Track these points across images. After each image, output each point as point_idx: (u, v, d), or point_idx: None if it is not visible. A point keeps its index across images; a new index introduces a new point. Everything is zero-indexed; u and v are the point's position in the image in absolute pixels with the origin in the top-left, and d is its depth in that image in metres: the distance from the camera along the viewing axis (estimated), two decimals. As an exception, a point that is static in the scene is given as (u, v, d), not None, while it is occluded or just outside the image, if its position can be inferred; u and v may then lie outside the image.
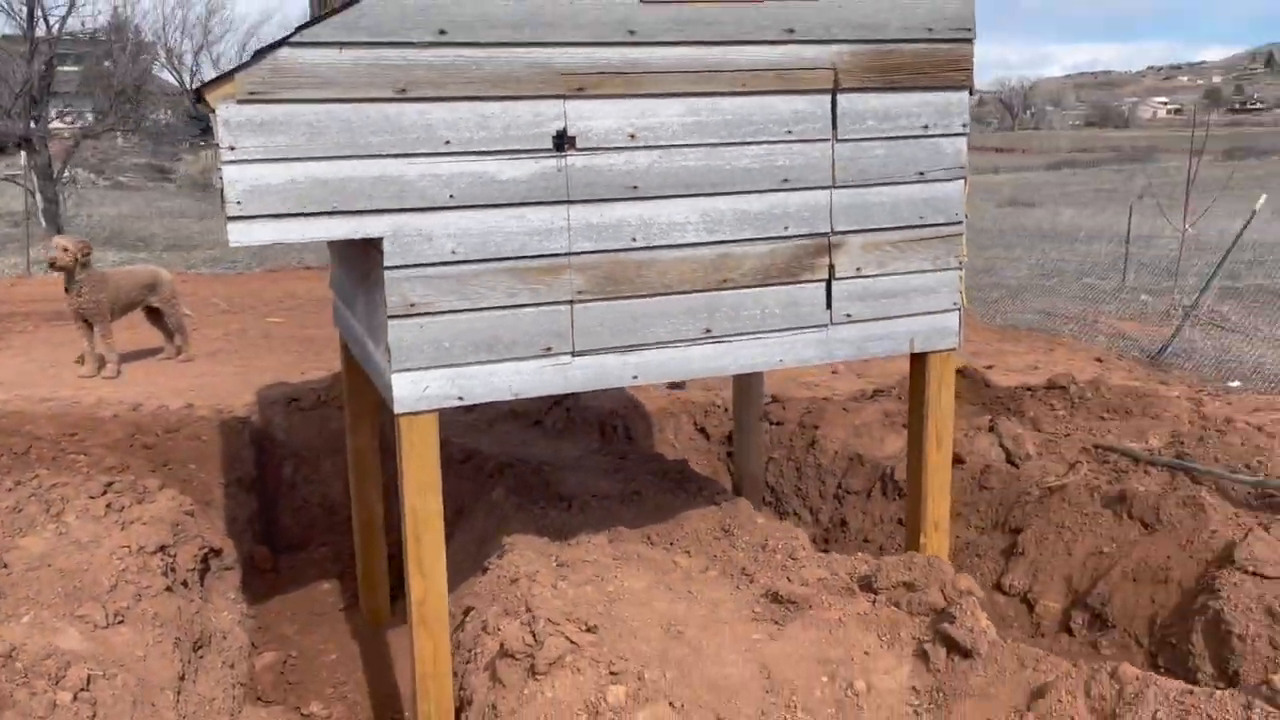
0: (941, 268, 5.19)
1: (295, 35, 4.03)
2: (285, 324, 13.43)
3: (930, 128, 5.02)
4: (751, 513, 6.08)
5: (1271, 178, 41.25)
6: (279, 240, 4.16)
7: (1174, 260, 22.54)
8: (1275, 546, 5.56)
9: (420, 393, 4.43)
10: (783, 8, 4.63)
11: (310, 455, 9.04)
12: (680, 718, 4.07)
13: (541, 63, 4.32)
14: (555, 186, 4.44)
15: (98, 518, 6.07)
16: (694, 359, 4.83)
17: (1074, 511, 6.77)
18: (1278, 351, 14.81)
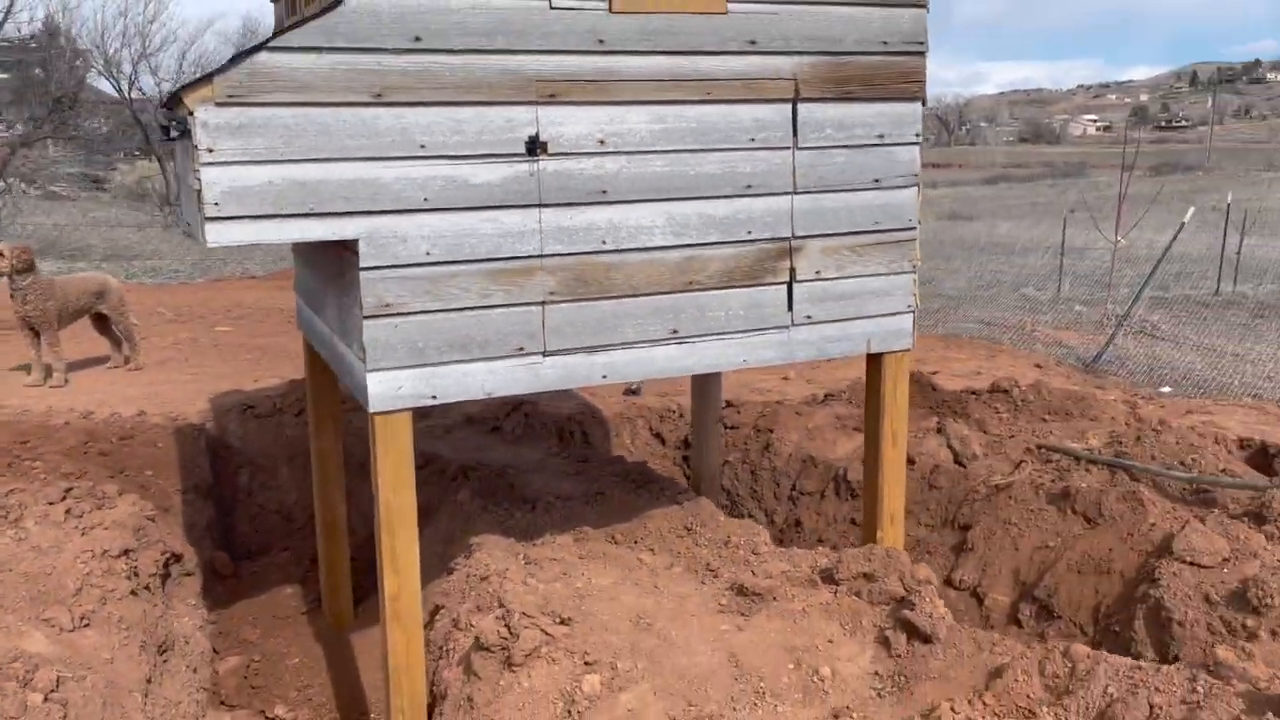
0: (896, 271, 5.40)
1: (274, 40, 4.12)
2: (234, 333, 13.33)
3: (885, 137, 5.23)
4: (713, 511, 6.23)
5: (1196, 193, 42.60)
6: (256, 241, 4.22)
7: (1106, 271, 23.23)
8: (1211, 538, 5.83)
9: (394, 392, 4.51)
10: (746, 20, 4.81)
11: (266, 462, 9.02)
12: (654, 705, 4.19)
13: (514, 70, 4.45)
14: (527, 190, 4.56)
15: (58, 523, 6.03)
16: (660, 359, 4.97)
17: (1020, 508, 7.02)
18: (1205, 358, 15.37)
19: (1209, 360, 15.29)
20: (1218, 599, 5.51)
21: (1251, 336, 16.97)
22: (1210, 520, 6.12)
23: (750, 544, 5.67)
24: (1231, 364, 14.91)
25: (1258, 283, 23.53)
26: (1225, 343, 16.57)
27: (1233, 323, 18.32)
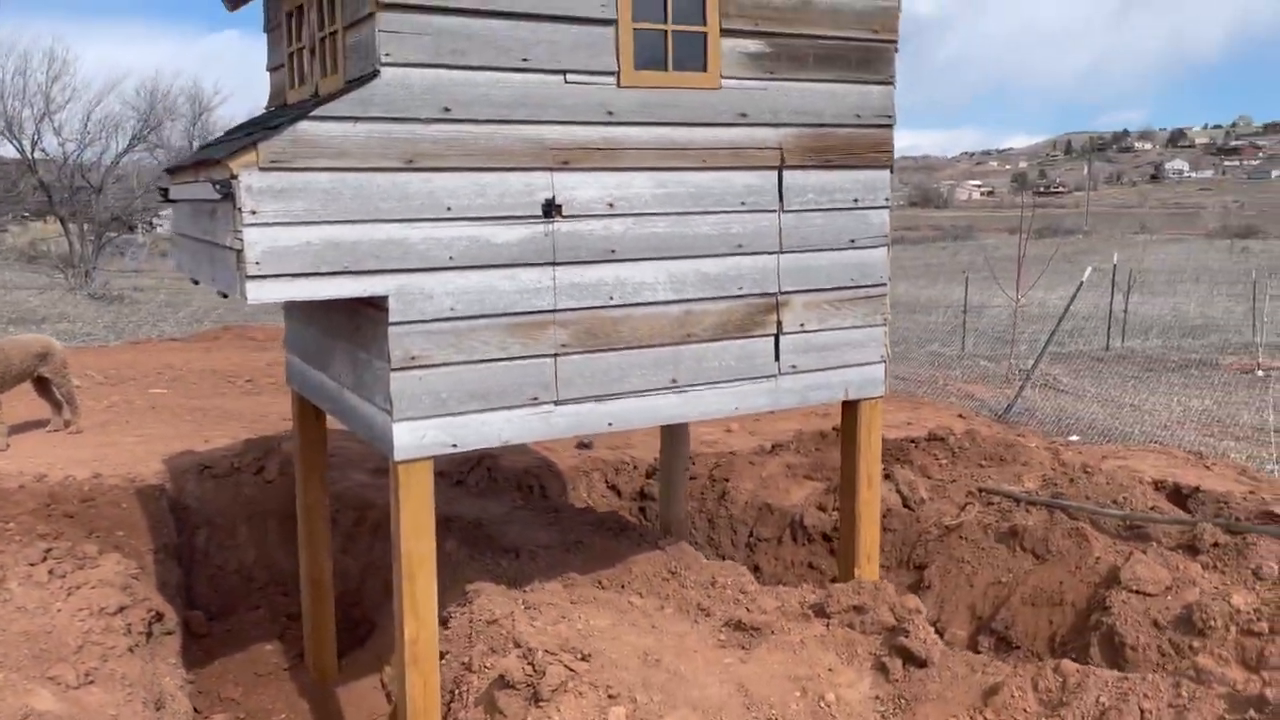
0: (870, 324, 5.84)
1: (314, 110, 4.36)
2: (170, 395, 13.16)
3: (860, 201, 5.69)
4: (695, 554, 6.52)
5: (1079, 254, 45.04)
6: (293, 298, 4.42)
7: (1005, 328, 24.43)
8: (1154, 568, 6.35)
9: (419, 441, 4.72)
10: (737, 95, 5.24)
11: (224, 522, 8.97)
12: (679, 732, 4.43)
13: (533, 138, 4.77)
14: (543, 249, 4.87)
15: (41, 584, 6.00)
16: (661, 407, 5.28)
17: (971, 547, 7.48)
18: (1106, 409, 16.31)
19: (1109, 411, 16.22)
20: (1165, 623, 5.99)
21: (1145, 389, 18.05)
22: (1150, 553, 6.65)
23: (737, 584, 5.97)
24: (1130, 414, 15.86)
25: (1144, 338, 25.01)
26: (1121, 394, 17.60)
27: (1125, 375, 19.46)
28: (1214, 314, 30.28)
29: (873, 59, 5.60)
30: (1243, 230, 72.85)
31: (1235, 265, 46.39)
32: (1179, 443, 13.31)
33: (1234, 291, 34.96)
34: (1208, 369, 20.05)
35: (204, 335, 19.79)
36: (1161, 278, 40.21)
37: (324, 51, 5.14)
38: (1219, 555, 6.57)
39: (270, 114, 5.58)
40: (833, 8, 5.43)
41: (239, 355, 16.91)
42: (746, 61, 5.24)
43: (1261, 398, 16.78)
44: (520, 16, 4.67)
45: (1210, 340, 24.61)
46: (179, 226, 5.81)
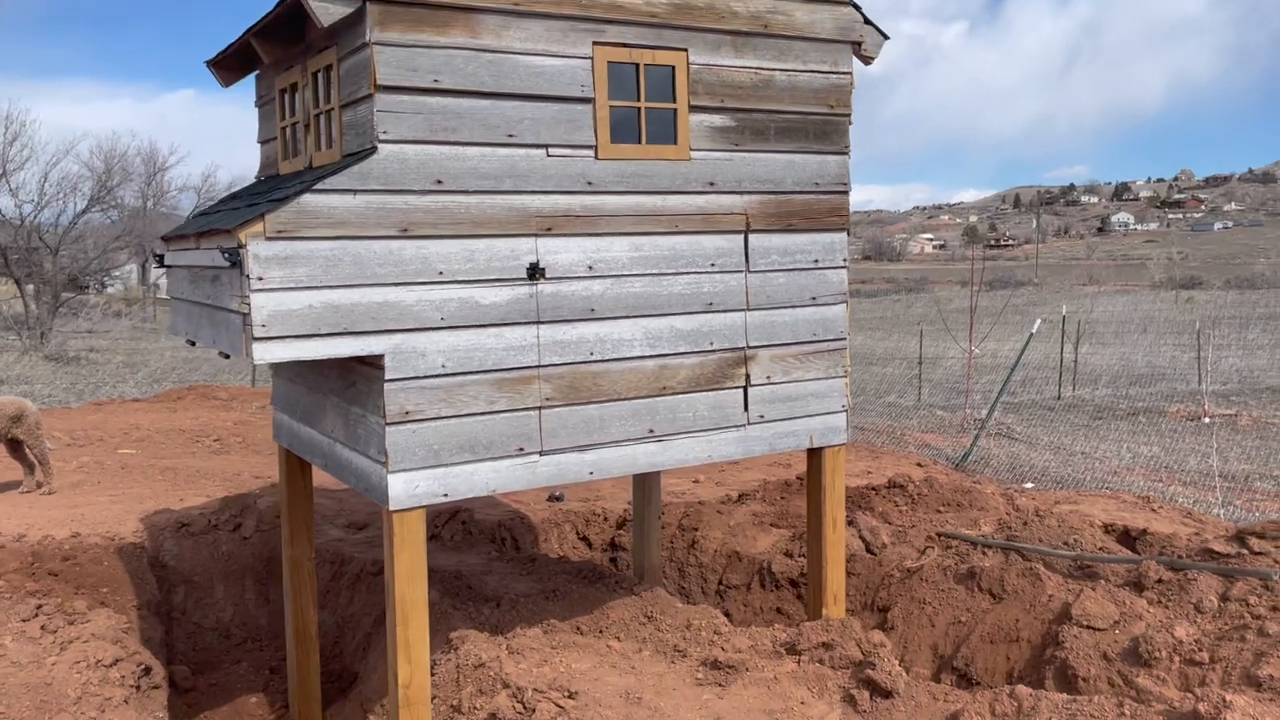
0: (832, 376, 6.22)
1: (317, 183, 4.69)
2: (139, 455, 13.25)
3: (819, 262, 6.10)
4: (669, 599, 6.79)
5: (1029, 306, 46.19)
6: (296, 358, 4.71)
7: (958, 379, 25.08)
8: (1103, 604, 6.72)
9: (412, 491, 5.00)
10: (706, 165, 5.64)
11: (202, 579, 9.11)
12: (663, 762, 4.69)
13: (518, 207, 5.13)
14: (528, 309, 5.20)
15: (34, 639, 6.15)
16: (639, 456, 5.60)
17: (932, 589, 7.82)
18: (1058, 457, 16.82)
19: (1061, 458, 16.73)
20: (1114, 655, 6.35)
21: (1095, 437, 18.62)
22: (1099, 590, 7.02)
23: (711, 626, 6.26)
24: (1082, 461, 16.38)
25: (1093, 387, 25.75)
26: (1073, 442, 18.15)
27: (1076, 424, 20.06)
28: (1160, 363, 31.22)
29: (829, 131, 6.05)
30: (1187, 281, 74.94)
31: (1180, 315, 47.75)
32: (1128, 488, 13.81)
33: (1180, 341, 36.02)
34: (1155, 416, 20.71)
35: (167, 395, 19.83)
36: (1110, 328, 41.33)
37: (318, 127, 5.48)
38: (1163, 591, 6.96)
39: (266, 184, 5.90)
40: (791, 85, 5.88)
41: (205, 414, 17.00)
42: (713, 135, 5.66)
43: (1207, 444, 17.37)
44: (506, 96, 5.05)
45: (1157, 389, 25.38)
46: (176, 291, 6.08)
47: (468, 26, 4.94)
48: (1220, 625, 6.31)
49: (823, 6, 5.93)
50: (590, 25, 5.24)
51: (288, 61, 5.76)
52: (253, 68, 6.40)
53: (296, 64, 5.67)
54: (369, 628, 7.87)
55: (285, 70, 5.84)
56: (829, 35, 5.97)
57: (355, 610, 8.13)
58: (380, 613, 7.89)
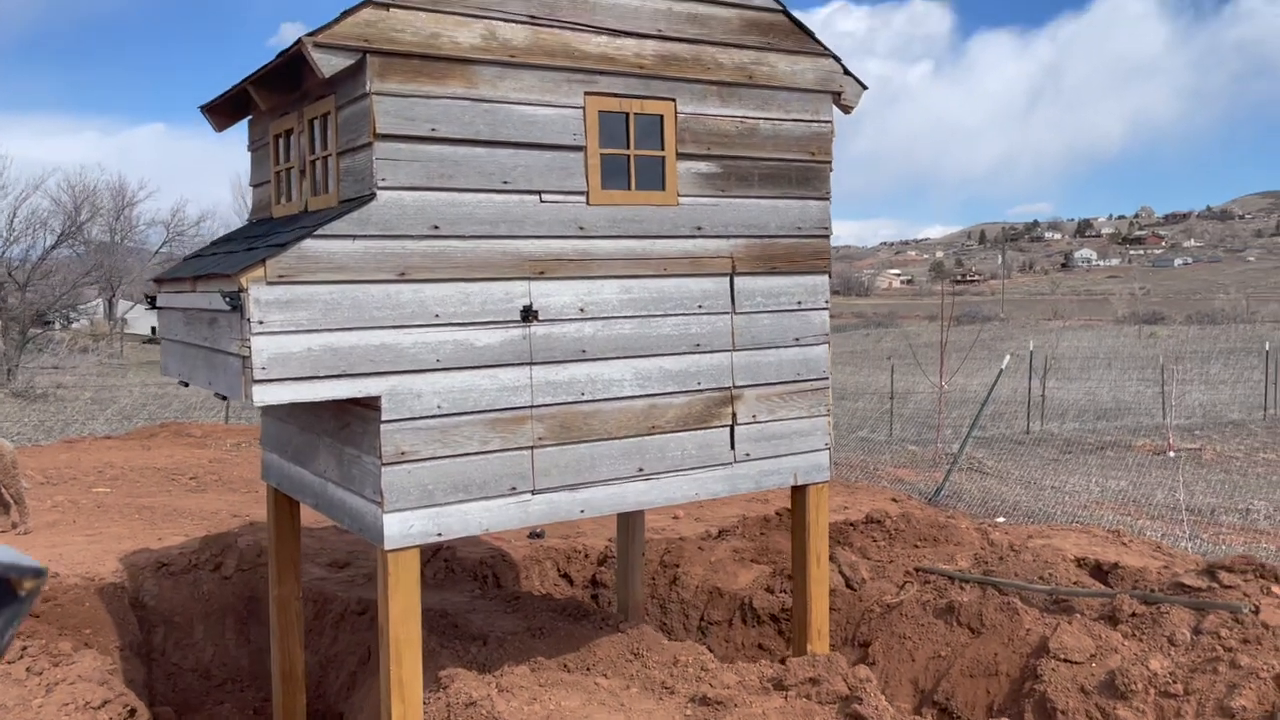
0: (815, 414, 6.36)
1: (317, 229, 4.79)
2: (115, 494, 13.16)
3: (802, 303, 6.27)
4: (656, 636, 6.87)
5: (996, 340, 46.80)
6: (294, 400, 4.79)
7: (928, 413, 25.38)
8: (1079, 637, 6.87)
9: (407, 530, 5.07)
10: (693, 210, 5.80)
11: (183, 620, 9.07)
12: (656, 798, 4.76)
13: (512, 251, 5.26)
14: (521, 351, 5.32)
15: (20, 680, 6.13)
16: (629, 494, 5.71)
17: (912, 623, 7.94)
18: (1029, 491, 17.06)
19: (1032, 493, 16.96)
20: (1091, 689, 6.50)
21: (1064, 471, 18.88)
22: (1075, 624, 7.18)
23: (698, 662, 6.34)
24: (1052, 496, 16.62)
25: (1061, 422, 26.12)
26: (1042, 476, 18.41)
27: (1045, 458, 20.35)
28: (1126, 398, 31.70)
29: (811, 178, 6.23)
30: (1150, 316, 76.14)
31: (1144, 350, 48.51)
32: (1098, 522, 14.03)
33: (1144, 376, 36.60)
34: (1122, 450, 21.04)
35: (140, 433, 19.69)
36: (1075, 363, 41.91)
37: (313, 172, 5.59)
38: (1137, 624, 7.12)
39: (260, 226, 5.99)
40: (774, 134, 6.06)
41: (179, 452, 16.91)
42: (700, 181, 5.82)
43: (1173, 478, 17.65)
44: (501, 144, 5.19)
45: (1124, 423, 25.79)
46: (169, 332, 6.14)
47: (464, 77, 5.08)
48: (1193, 658, 6.47)
49: (804, 58, 6.14)
50: (582, 76, 5.40)
51: (283, 108, 5.88)
52: (245, 113, 6.51)
53: (292, 111, 5.79)
54: (353, 667, 7.88)
55: (280, 116, 5.96)
56: (810, 86, 6.18)
57: (339, 650, 8.13)
58: (365, 653, 7.91)
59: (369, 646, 7.80)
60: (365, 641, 7.90)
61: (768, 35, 5.99)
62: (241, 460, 16.43)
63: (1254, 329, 62.62)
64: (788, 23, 6.05)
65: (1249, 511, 15.10)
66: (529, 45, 5.24)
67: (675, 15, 5.67)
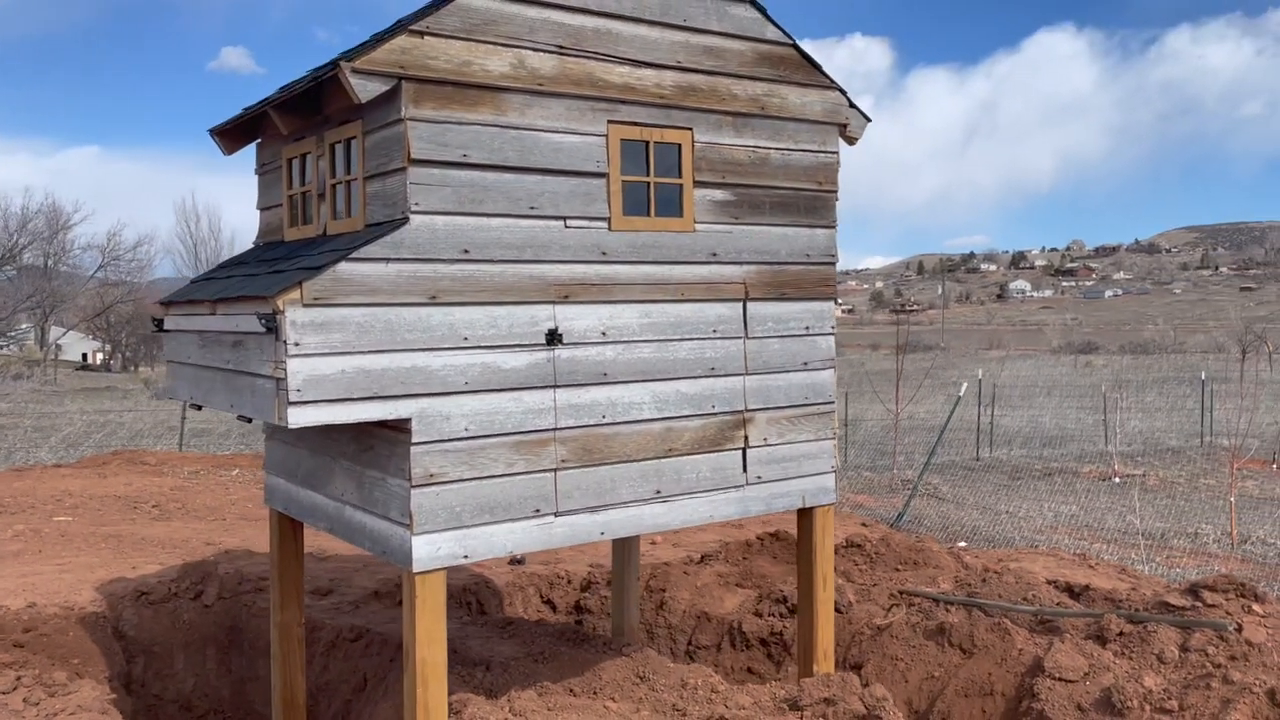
0: (821, 438, 6.49)
1: (352, 253, 4.82)
2: (78, 523, 12.86)
3: (810, 329, 6.40)
4: (660, 659, 6.91)
5: (938, 369, 47.66)
6: (329, 422, 4.78)
7: (880, 440, 25.75)
8: (1073, 656, 7.05)
9: (435, 553, 5.08)
10: (709, 237, 5.92)
11: (162, 650, 8.89)
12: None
13: (538, 275, 5.32)
14: (546, 374, 5.37)
15: (17, 712, 5.99)
16: (646, 517, 5.77)
17: (903, 645, 8.07)
18: (985, 516, 17.39)
19: (989, 518, 17.29)
20: (1087, 706, 6.66)
21: (1016, 497, 19.28)
22: (1067, 643, 7.36)
23: (708, 684, 6.39)
24: (1008, 521, 16.97)
25: (1009, 448, 26.67)
26: (996, 501, 18.78)
27: (997, 484, 20.77)
28: (1068, 425, 32.43)
29: (818, 206, 6.39)
30: (1084, 346, 78.02)
31: (1081, 379, 49.72)
32: (1055, 546, 14.36)
33: (1083, 404, 37.49)
34: (1069, 477, 21.54)
35: (92, 461, 19.25)
36: (1017, 391, 42.79)
37: (334, 196, 5.61)
38: (1126, 643, 7.32)
39: (274, 250, 5.97)
40: (785, 164, 6.21)
41: (137, 480, 16.56)
42: (715, 209, 5.95)
43: (1121, 503, 18.12)
44: (529, 171, 5.27)
45: (1068, 449, 26.40)
46: (179, 355, 6.08)
47: (495, 105, 5.15)
48: (1185, 674, 6.67)
49: (812, 90, 6.31)
50: (606, 105, 5.51)
51: (300, 133, 5.89)
52: (254, 137, 6.51)
53: (309, 135, 5.81)
54: (347, 695, 7.79)
55: (295, 141, 5.97)
56: (818, 117, 6.34)
57: (331, 678, 8.03)
58: (360, 681, 7.83)
59: (364, 674, 7.72)
60: (360, 669, 7.82)
61: (779, 68, 6.15)
62: (203, 488, 16.15)
63: (1184, 359, 64.56)
64: (798, 56, 6.22)
65: (1198, 535, 15.55)
66: (556, 74, 5.33)
67: (693, 47, 5.80)
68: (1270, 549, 14.51)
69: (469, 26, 5.08)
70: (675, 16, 5.73)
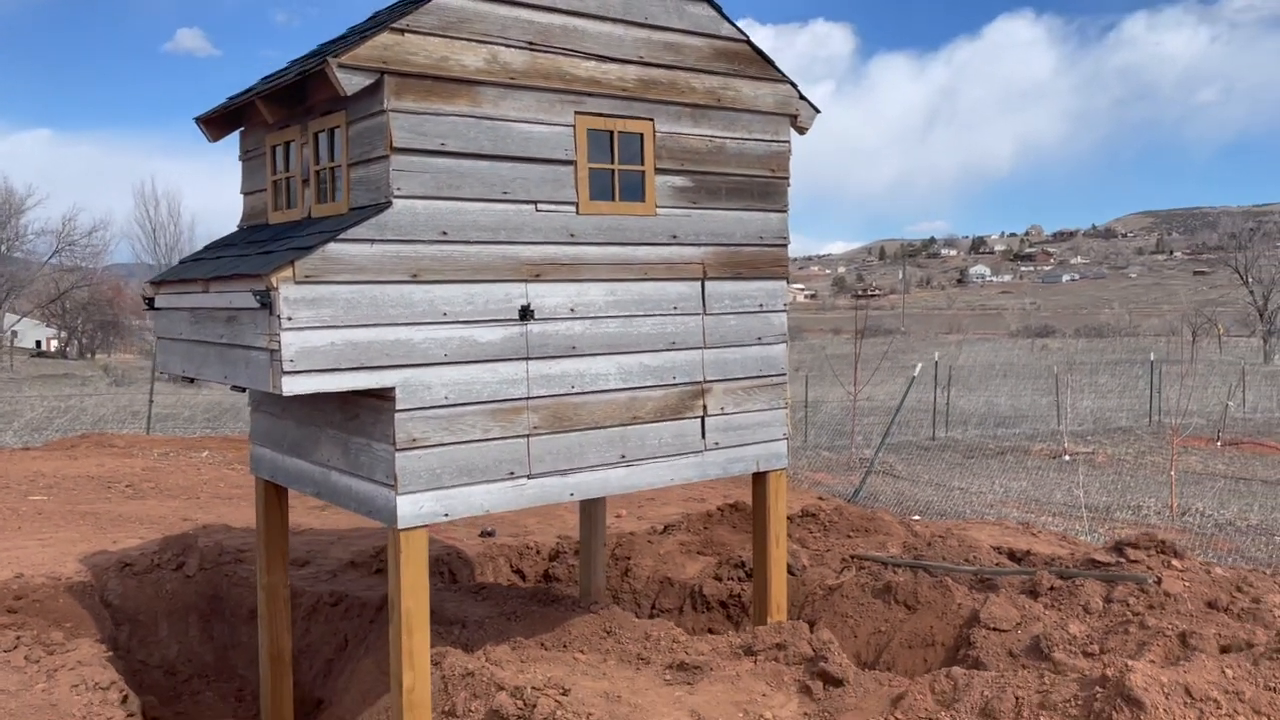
0: (774, 407, 6.99)
1: (340, 234, 5.23)
2: (53, 502, 13.12)
3: (763, 306, 6.89)
4: (626, 615, 7.39)
5: (898, 353, 48.52)
6: (320, 389, 5.19)
7: (839, 421, 26.38)
8: (1007, 608, 7.61)
9: (417, 511, 5.52)
10: (669, 220, 6.38)
11: (147, 619, 9.25)
12: (652, 746, 5.28)
13: (511, 255, 5.76)
14: (519, 347, 5.81)
15: (19, 668, 6.36)
16: (612, 479, 6.23)
17: (852, 603, 8.61)
18: (939, 492, 18.03)
19: (942, 494, 17.93)
20: (1018, 652, 7.22)
21: (969, 474, 19.96)
22: (1001, 597, 7.93)
23: (669, 636, 6.88)
24: (960, 496, 17.62)
25: (964, 429, 27.42)
26: (950, 478, 19.45)
27: (951, 462, 21.46)
28: (1022, 406, 33.27)
29: (771, 192, 6.87)
30: (1041, 330, 79.37)
31: (1037, 361, 50.82)
32: (1002, 518, 15.02)
33: (1038, 386, 38.42)
34: (1021, 455, 22.28)
35: (60, 444, 19.42)
36: (975, 374, 43.70)
37: (318, 182, 6.01)
38: (1055, 597, 7.90)
39: (259, 232, 6.35)
40: (740, 152, 6.68)
41: (109, 461, 16.79)
42: (675, 194, 6.41)
43: (1070, 479, 18.83)
44: (502, 158, 5.70)
45: (1021, 429, 27.19)
46: (170, 331, 6.46)
47: (470, 97, 5.58)
48: (1107, 622, 7.26)
49: (764, 84, 6.78)
50: (573, 97, 5.94)
51: (284, 121, 6.27)
52: (239, 124, 6.87)
53: (293, 124, 6.19)
54: (329, 655, 8.21)
55: (280, 129, 6.34)
56: (770, 109, 6.82)
57: (313, 640, 8.44)
58: (341, 641, 8.25)
59: (345, 636, 8.15)
60: (340, 631, 8.24)
61: (734, 63, 6.61)
62: (174, 468, 16.42)
63: (1137, 341, 66.08)
64: (751, 52, 6.68)
65: (1140, 508, 16.28)
66: (527, 69, 5.76)
67: (654, 43, 6.25)
68: (1208, 520, 15.23)
69: (446, 24, 5.49)
70: (637, 14, 6.17)
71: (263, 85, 6.20)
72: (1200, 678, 4.91)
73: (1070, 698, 4.97)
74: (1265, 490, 17.34)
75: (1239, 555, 12.25)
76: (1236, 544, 13.12)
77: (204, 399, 34.21)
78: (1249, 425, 26.07)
